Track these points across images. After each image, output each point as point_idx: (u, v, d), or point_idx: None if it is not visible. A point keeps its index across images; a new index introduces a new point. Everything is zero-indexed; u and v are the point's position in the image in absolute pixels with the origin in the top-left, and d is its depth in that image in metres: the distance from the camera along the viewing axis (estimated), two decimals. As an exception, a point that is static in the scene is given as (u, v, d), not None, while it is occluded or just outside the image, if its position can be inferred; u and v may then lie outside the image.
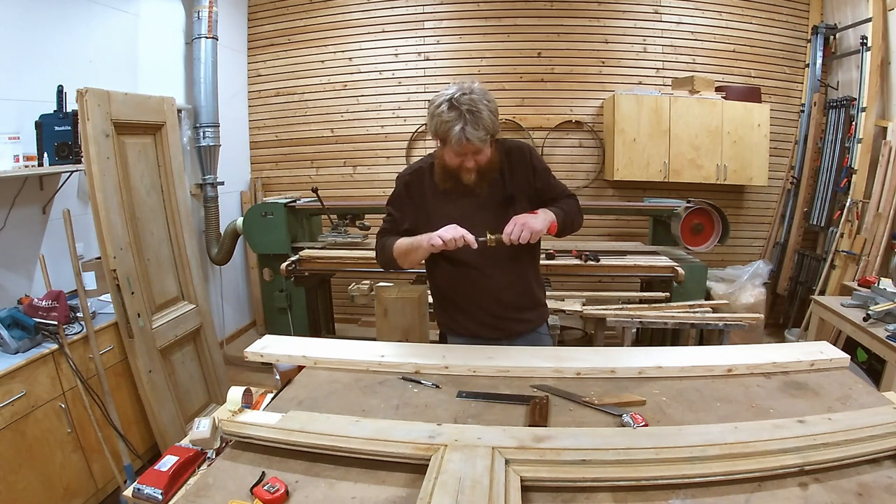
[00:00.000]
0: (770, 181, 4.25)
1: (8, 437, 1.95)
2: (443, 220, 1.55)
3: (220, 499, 1.01)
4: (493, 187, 1.63)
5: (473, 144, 1.46)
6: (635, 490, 0.99)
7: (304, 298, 3.56)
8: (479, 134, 1.44)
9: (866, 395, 1.35)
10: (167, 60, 3.71)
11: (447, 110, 1.45)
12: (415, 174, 1.70)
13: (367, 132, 4.55)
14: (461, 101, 1.44)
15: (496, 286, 1.68)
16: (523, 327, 1.76)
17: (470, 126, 1.43)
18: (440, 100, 1.48)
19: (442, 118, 1.45)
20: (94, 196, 2.37)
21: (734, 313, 2.83)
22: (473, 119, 1.43)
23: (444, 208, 1.63)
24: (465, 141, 1.45)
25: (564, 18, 4.26)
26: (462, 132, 1.43)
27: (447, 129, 1.45)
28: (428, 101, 1.55)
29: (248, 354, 1.63)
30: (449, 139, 1.46)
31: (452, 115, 1.44)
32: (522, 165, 1.67)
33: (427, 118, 1.55)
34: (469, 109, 1.43)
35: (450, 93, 1.47)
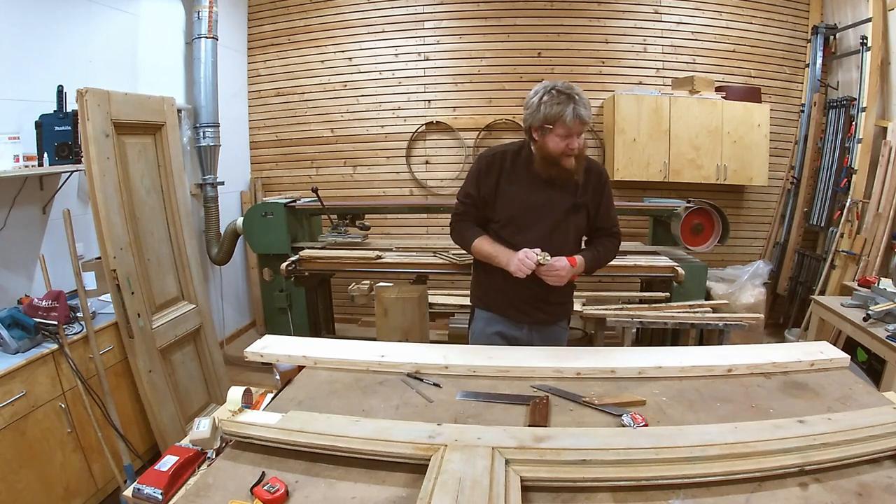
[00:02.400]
0: (770, 181, 4.25)
1: (8, 437, 1.95)
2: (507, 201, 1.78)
3: (220, 499, 1.01)
4: (564, 188, 1.78)
5: (585, 123, 1.63)
6: (635, 490, 0.99)
7: (304, 298, 3.56)
8: (589, 113, 1.63)
9: (866, 395, 1.35)
10: (167, 60, 3.71)
11: (556, 95, 1.62)
12: (499, 157, 1.82)
13: (367, 132, 4.55)
14: (565, 88, 1.62)
15: (538, 278, 1.76)
16: (548, 318, 1.88)
17: (581, 106, 1.61)
18: (542, 91, 1.65)
19: (553, 101, 1.61)
20: (94, 196, 2.37)
21: (734, 313, 2.83)
22: (582, 101, 1.62)
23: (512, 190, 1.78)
24: (578, 119, 1.61)
25: (564, 18, 4.25)
26: (575, 111, 1.60)
27: (560, 110, 1.60)
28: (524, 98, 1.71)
29: (248, 354, 1.63)
30: (563, 118, 1.61)
31: (563, 98, 1.61)
32: (597, 184, 1.84)
33: (528, 111, 1.69)
34: (577, 93, 1.62)
35: (547, 85, 1.65)
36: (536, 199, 1.78)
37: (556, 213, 1.79)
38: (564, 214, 1.80)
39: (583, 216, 1.84)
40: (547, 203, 1.78)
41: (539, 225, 1.78)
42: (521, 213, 1.79)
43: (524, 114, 1.72)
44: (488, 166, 1.81)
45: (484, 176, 1.82)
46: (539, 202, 1.78)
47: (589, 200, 1.83)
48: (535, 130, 1.69)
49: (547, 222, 1.78)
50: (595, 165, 1.86)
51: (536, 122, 1.66)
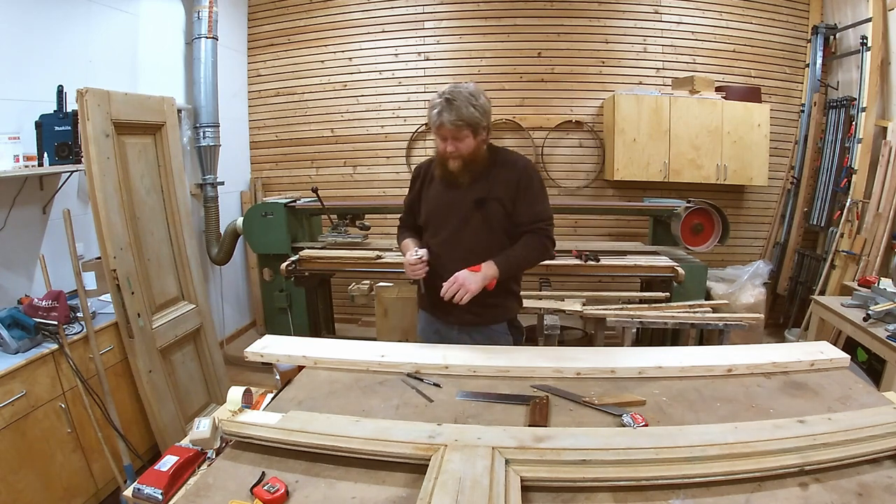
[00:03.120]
0: (770, 181, 4.25)
1: (8, 437, 1.95)
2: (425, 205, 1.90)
3: (220, 499, 1.01)
4: (472, 186, 1.79)
5: (446, 128, 1.65)
6: (635, 490, 0.99)
7: (304, 298, 3.56)
8: (452, 118, 1.63)
9: (866, 395, 1.35)
10: (167, 60, 3.70)
11: (435, 99, 1.68)
12: (425, 163, 1.95)
13: (367, 132, 4.54)
14: (446, 92, 1.67)
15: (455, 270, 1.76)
16: (477, 319, 1.84)
17: (445, 112, 1.64)
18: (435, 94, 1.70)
19: (431, 106, 1.69)
20: (94, 196, 2.37)
21: (734, 313, 2.83)
22: (449, 105, 1.64)
23: (428, 195, 1.89)
24: (439, 123, 1.66)
25: (564, 18, 4.25)
26: (438, 115, 1.65)
27: (430, 113, 1.69)
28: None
29: (248, 354, 1.63)
30: (431, 123, 1.70)
31: (437, 102, 1.66)
32: (510, 179, 1.78)
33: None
34: (448, 98, 1.65)
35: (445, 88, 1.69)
36: (442, 200, 1.84)
37: (460, 210, 1.80)
38: (469, 211, 1.79)
39: (494, 212, 1.78)
40: (452, 202, 1.82)
41: (447, 224, 1.82)
42: (432, 214, 1.87)
43: None
44: (416, 175, 1.96)
45: (413, 183, 1.97)
46: (444, 202, 1.84)
47: (501, 195, 1.77)
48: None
49: (453, 221, 1.81)
50: (513, 161, 1.82)
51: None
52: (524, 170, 1.81)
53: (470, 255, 1.76)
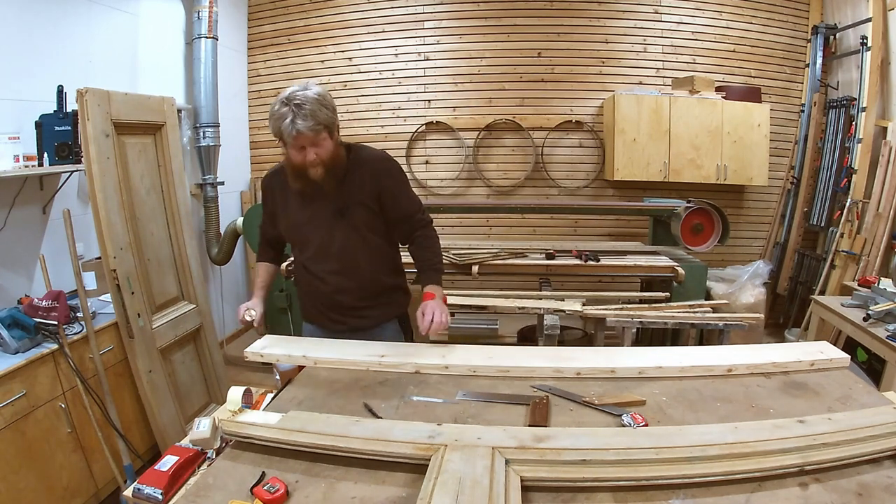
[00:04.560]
0: (770, 181, 4.25)
1: (8, 437, 1.95)
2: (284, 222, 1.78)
3: (220, 499, 1.01)
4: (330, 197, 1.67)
5: (305, 135, 1.52)
6: (635, 490, 0.99)
7: (304, 298, 3.56)
8: (309, 123, 1.50)
9: (866, 395, 1.35)
10: (167, 60, 3.70)
11: (279, 108, 1.53)
12: (274, 176, 1.78)
13: (367, 132, 4.54)
14: (290, 98, 1.52)
15: (330, 290, 1.78)
16: (367, 322, 1.82)
17: (300, 119, 1.50)
18: (277, 100, 1.55)
19: (274, 116, 1.53)
20: (94, 196, 2.37)
21: (734, 313, 2.83)
22: (301, 111, 1.50)
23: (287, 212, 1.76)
24: (296, 132, 1.51)
25: (564, 18, 4.25)
26: (292, 124, 1.50)
27: (279, 124, 1.52)
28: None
29: (248, 354, 1.63)
30: (283, 134, 1.53)
31: (284, 111, 1.51)
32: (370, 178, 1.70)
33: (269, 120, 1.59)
34: (297, 104, 1.51)
35: (285, 93, 1.55)
36: (303, 216, 1.72)
37: (323, 223, 1.70)
38: (332, 222, 1.70)
39: (360, 217, 1.71)
40: (313, 216, 1.71)
41: (314, 239, 1.73)
42: (295, 232, 1.76)
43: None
44: (264, 190, 1.82)
45: (268, 201, 1.82)
46: (306, 218, 1.72)
47: (364, 198, 1.69)
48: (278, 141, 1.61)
49: (320, 234, 1.72)
50: (367, 158, 1.72)
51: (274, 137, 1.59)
52: (380, 164, 1.73)
53: (343, 264, 1.74)
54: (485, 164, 4.45)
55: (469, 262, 3.10)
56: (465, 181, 4.49)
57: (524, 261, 3.18)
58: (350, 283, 1.77)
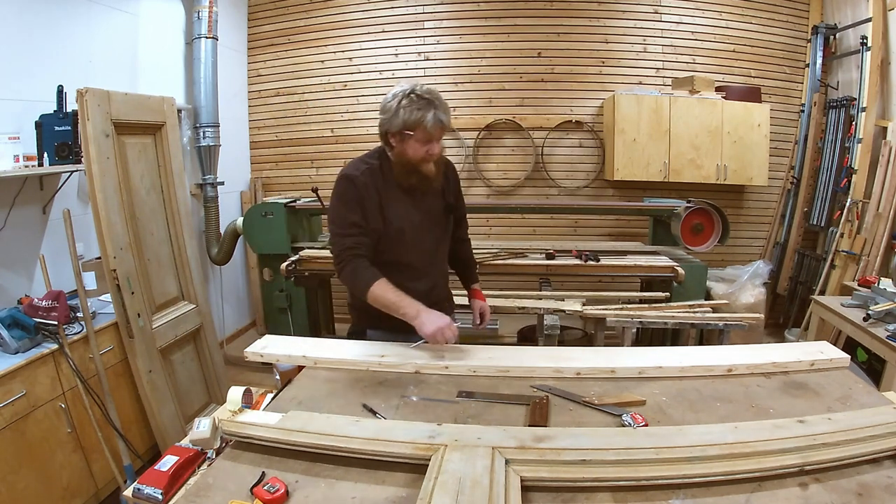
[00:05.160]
0: (770, 181, 4.25)
1: (8, 437, 1.95)
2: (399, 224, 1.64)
3: (220, 499, 1.01)
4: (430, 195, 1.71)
5: (445, 127, 1.56)
6: (635, 490, 0.99)
7: (304, 298, 3.56)
8: (448, 117, 1.55)
9: (866, 395, 1.35)
10: (167, 60, 3.70)
11: (416, 100, 1.52)
12: (369, 174, 1.64)
13: (367, 132, 4.54)
14: (424, 93, 1.53)
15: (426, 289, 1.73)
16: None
17: (440, 111, 1.53)
18: (400, 95, 1.54)
19: (413, 107, 1.52)
20: (94, 196, 2.37)
21: (734, 313, 2.83)
22: (442, 105, 1.54)
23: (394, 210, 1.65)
24: (440, 124, 1.53)
25: (564, 18, 4.25)
26: (436, 116, 1.52)
27: (420, 116, 1.51)
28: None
29: (248, 354, 1.63)
30: (423, 125, 1.52)
31: (423, 104, 1.52)
32: (454, 179, 1.80)
33: (386, 115, 1.57)
34: (436, 97, 1.54)
35: (405, 88, 1.55)
36: (416, 213, 1.68)
37: (435, 221, 1.73)
38: (441, 220, 1.74)
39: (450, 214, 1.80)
40: (426, 214, 1.70)
41: (426, 238, 1.70)
42: (409, 231, 1.66)
43: (380, 118, 1.60)
44: (365, 187, 1.61)
45: (365, 199, 1.61)
46: (419, 215, 1.68)
47: (450, 196, 1.77)
48: (393, 136, 1.58)
49: (433, 234, 1.72)
50: (446, 159, 1.75)
51: (395, 128, 1.55)
52: (450, 163, 1.79)
53: (437, 262, 1.76)
54: (485, 164, 4.45)
55: (469, 262, 3.09)
56: (465, 181, 4.48)
57: (524, 261, 3.18)
58: (440, 280, 1.81)
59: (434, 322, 1.51)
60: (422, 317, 1.52)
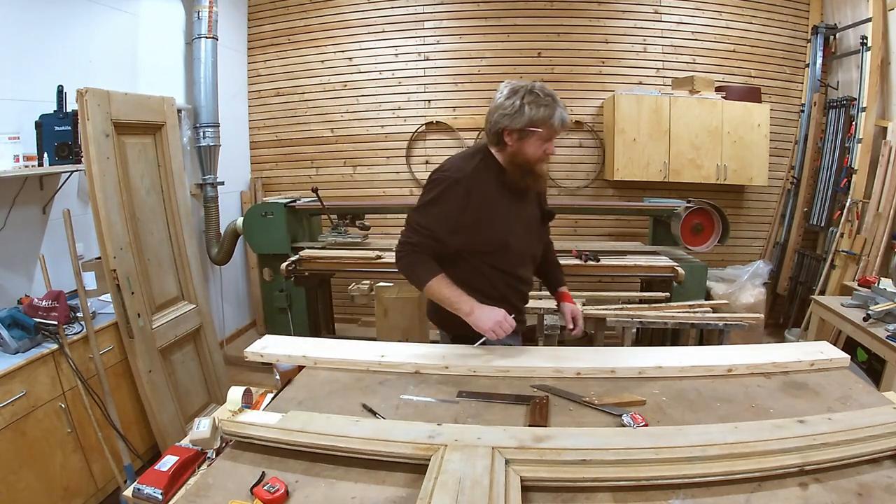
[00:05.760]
0: (770, 181, 4.25)
1: (8, 437, 1.95)
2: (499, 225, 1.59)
3: (220, 499, 1.01)
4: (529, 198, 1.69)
5: (567, 127, 1.53)
6: (635, 490, 0.99)
7: (304, 298, 3.56)
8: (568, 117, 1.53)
9: (866, 395, 1.35)
10: (167, 60, 3.70)
11: (542, 97, 1.49)
12: (476, 176, 1.57)
13: (367, 132, 4.54)
14: (546, 91, 1.50)
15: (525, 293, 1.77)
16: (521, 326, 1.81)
17: (564, 110, 1.51)
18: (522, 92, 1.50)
19: (539, 104, 1.48)
20: (94, 196, 2.37)
21: (734, 313, 2.83)
22: (561, 104, 1.51)
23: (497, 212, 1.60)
24: (564, 122, 1.51)
25: (564, 18, 4.25)
26: (561, 114, 1.50)
27: (548, 113, 1.49)
28: (494, 98, 1.58)
29: (248, 354, 1.63)
30: (550, 122, 1.49)
31: (549, 101, 1.49)
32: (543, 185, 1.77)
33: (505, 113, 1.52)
34: (555, 97, 1.51)
35: (524, 85, 1.51)
36: (518, 217, 1.65)
37: (534, 227, 1.71)
38: (538, 228, 1.74)
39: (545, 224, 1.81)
40: (528, 219, 1.69)
41: (526, 244, 1.68)
42: (513, 235, 1.62)
43: (496, 116, 1.54)
44: (468, 191, 1.54)
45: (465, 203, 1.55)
46: (523, 220, 1.66)
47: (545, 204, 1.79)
48: (511, 134, 1.53)
49: (530, 239, 1.70)
50: None
51: (517, 125, 1.50)
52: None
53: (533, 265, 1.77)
54: (485, 164, 4.45)
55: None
56: (465, 181, 4.48)
57: (524, 261, 3.17)
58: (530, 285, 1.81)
59: (490, 317, 1.51)
60: (476, 312, 1.52)
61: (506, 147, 1.57)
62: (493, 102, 1.57)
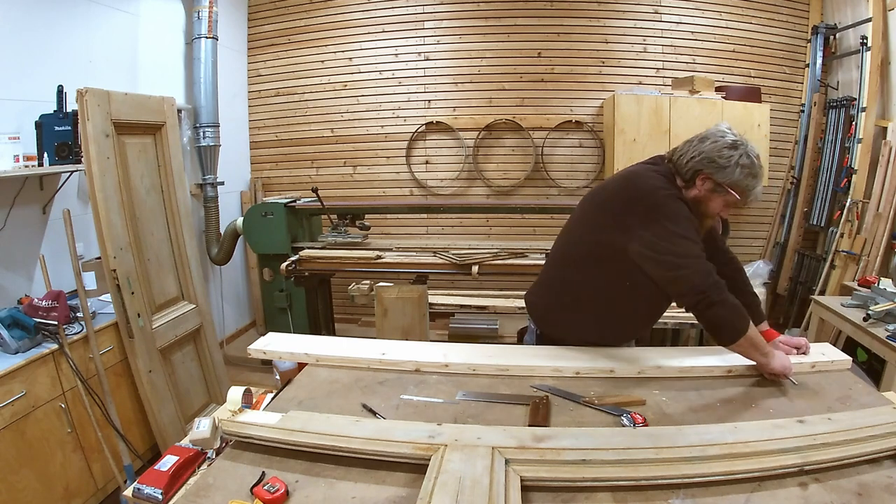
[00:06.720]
0: (770, 181, 4.25)
1: (8, 437, 1.95)
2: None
3: (220, 499, 1.01)
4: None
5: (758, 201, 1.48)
6: (635, 490, 0.99)
7: (304, 298, 3.56)
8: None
9: (866, 395, 1.35)
10: (167, 60, 3.70)
11: (755, 165, 1.43)
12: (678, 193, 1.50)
13: (367, 132, 4.54)
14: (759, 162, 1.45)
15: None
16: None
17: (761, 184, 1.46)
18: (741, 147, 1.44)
19: (751, 172, 1.43)
20: (94, 196, 2.37)
21: (734, 313, 2.82)
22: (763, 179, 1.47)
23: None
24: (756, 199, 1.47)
25: (564, 18, 4.25)
26: (759, 191, 1.45)
27: (752, 185, 1.44)
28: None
29: (251, 352, 1.63)
30: (748, 194, 1.44)
31: (757, 172, 1.44)
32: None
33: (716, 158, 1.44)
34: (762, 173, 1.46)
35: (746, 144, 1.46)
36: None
37: None
38: None
39: None
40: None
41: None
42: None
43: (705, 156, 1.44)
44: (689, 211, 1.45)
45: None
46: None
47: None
48: (707, 182, 1.45)
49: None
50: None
51: (720, 179, 1.43)
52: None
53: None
54: (485, 164, 4.45)
55: (469, 262, 3.10)
56: (465, 181, 4.49)
57: (524, 261, 3.18)
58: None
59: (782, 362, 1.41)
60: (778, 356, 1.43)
61: (693, 187, 1.49)
62: (706, 138, 1.48)
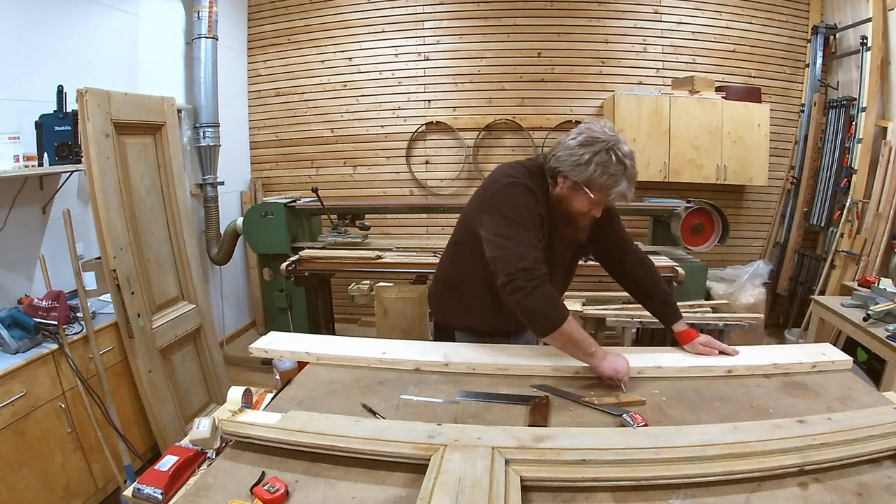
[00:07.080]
0: (770, 181, 4.25)
1: (8, 437, 1.95)
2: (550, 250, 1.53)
3: (220, 499, 1.01)
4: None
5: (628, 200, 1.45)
6: (635, 490, 0.99)
7: (304, 298, 3.56)
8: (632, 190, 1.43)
9: (866, 395, 1.35)
10: (167, 60, 3.70)
11: (615, 162, 1.38)
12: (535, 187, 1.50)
13: (367, 132, 4.54)
14: (624, 155, 1.39)
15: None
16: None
17: (630, 182, 1.41)
18: (599, 145, 1.39)
19: (608, 170, 1.39)
20: (94, 196, 2.37)
21: (734, 313, 2.83)
22: (631, 174, 1.41)
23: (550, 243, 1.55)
24: (623, 198, 1.43)
25: (564, 18, 4.25)
26: (624, 189, 1.40)
27: (610, 183, 1.40)
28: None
29: (252, 350, 1.64)
30: (607, 192, 1.41)
31: (619, 170, 1.39)
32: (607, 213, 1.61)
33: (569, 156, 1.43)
34: (631, 164, 1.40)
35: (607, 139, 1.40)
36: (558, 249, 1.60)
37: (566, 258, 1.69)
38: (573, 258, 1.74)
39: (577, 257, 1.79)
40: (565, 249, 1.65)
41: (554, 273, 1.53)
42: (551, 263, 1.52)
43: (560, 154, 1.44)
44: (536, 201, 1.47)
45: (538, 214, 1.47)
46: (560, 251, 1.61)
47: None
48: (566, 181, 1.45)
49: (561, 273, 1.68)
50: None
51: (573, 176, 1.42)
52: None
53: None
54: (485, 164, 4.45)
55: (469, 262, 3.09)
56: (466, 181, 4.49)
57: (524, 261, 3.17)
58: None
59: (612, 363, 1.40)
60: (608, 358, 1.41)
61: (556, 187, 1.50)
62: (566, 137, 1.47)
